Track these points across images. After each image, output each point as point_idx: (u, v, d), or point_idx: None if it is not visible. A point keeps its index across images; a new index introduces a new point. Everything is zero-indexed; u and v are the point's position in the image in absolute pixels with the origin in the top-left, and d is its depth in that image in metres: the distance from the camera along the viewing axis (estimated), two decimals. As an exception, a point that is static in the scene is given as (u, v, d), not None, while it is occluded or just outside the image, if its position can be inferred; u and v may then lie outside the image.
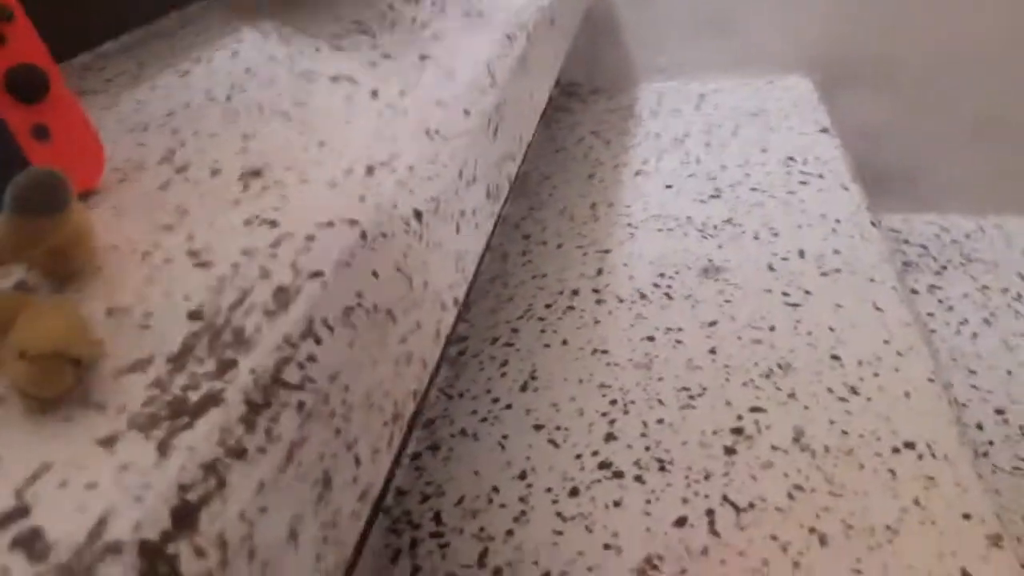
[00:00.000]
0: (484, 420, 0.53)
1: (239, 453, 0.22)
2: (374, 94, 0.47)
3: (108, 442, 0.22)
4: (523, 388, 0.55)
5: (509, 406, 0.54)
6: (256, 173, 0.38)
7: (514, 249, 0.72)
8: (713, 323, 0.57)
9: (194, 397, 0.23)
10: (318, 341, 0.26)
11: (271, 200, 0.35)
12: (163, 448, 0.21)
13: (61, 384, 0.23)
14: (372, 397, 0.29)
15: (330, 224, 0.32)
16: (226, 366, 0.24)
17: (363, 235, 0.32)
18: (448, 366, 0.60)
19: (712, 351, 0.55)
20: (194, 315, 0.27)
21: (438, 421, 0.55)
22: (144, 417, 0.22)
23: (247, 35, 0.66)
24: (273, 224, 0.33)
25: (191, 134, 0.45)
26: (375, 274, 0.30)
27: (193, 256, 0.31)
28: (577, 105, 1.01)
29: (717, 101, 0.93)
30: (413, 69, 0.51)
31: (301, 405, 0.24)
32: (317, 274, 0.29)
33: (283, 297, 0.28)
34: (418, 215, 0.35)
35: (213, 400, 0.23)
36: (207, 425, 0.22)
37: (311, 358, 0.26)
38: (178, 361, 0.25)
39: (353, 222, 0.32)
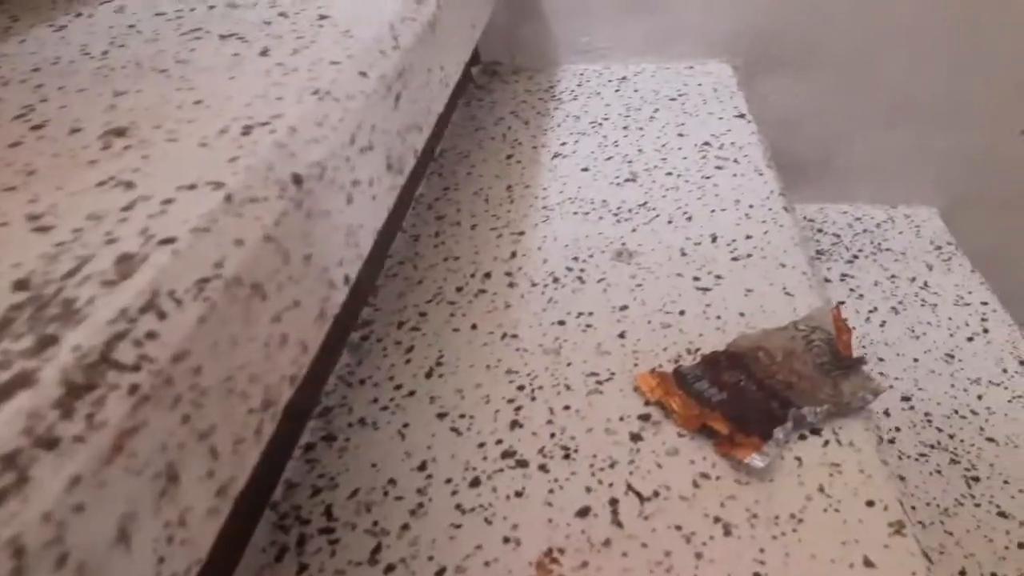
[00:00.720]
0: (385, 408, 0.51)
1: (49, 443, 0.19)
2: (264, 52, 0.44)
3: None
4: (428, 375, 0.52)
5: (412, 393, 0.51)
6: (120, 132, 0.35)
7: (426, 231, 0.69)
8: (624, 307, 0.55)
9: (3, 379, 0.20)
10: (161, 316, 0.23)
11: (131, 160, 0.32)
12: (-51, 437, 0.18)
13: None
14: (233, 382, 0.26)
15: (192, 187, 0.29)
16: (46, 343, 0.21)
17: (227, 198, 0.29)
18: (350, 352, 0.57)
19: (622, 335, 0.53)
20: (19, 285, 0.24)
21: (335, 410, 0.52)
22: (-65, 401, 0.19)
23: (135, -10, 0.61)
24: (129, 186, 0.30)
25: (56, 90, 0.41)
26: (239, 242, 0.28)
27: (33, 220, 0.28)
28: (498, 84, 0.99)
29: (637, 84, 0.92)
30: (310, 28, 0.48)
31: (135, 388, 0.21)
32: (168, 240, 0.26)
33: (126, 266, 0.24)
34: (297, 180, 0.32)
35: (23, 381, 0.20)
36: (11, 410, 0.19)
37: (151, 335, 0.23)
38: (-9, 336, 0.21)
39: (218, 184, 0.29)
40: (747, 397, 0.47)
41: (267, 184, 0.31)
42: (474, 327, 0.56)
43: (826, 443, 0.46)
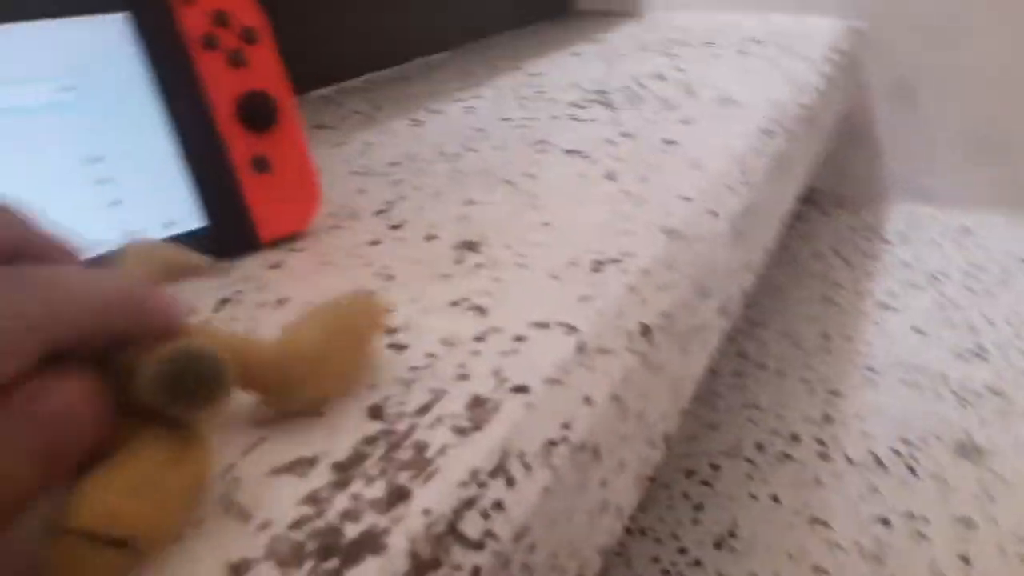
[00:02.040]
0: (667, 573, 0.46)
1: (389, 628, 0.17)
2: (610, 176, 0.43)
3: (238, 571, 0.17)
4: (717, 545, 0.47)
5: (698, 563, 0.46)
6: (471, 246, 0.35)
7: (726, 367, 0.64)
8: (968, 521, 0.47)
9: (352, 533, 0.18)
10: (510, 482, 0.21)
11: (483, 282, 0.31)
12: (299, 604, 0.17)
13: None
14: (557, 559, 0.24)
15: (543, 326, 0.28)
16: (397, 496, 0.20)
17: (580, 347, 0.27)
18: (627, 488, 0.54)
19: (965, 559, 0.44)
20: (375, 412, 0.23)
21: (609, 558, 0.48)
22: (288, 546, 0.18)
23: (485, 92, 0.65)
24: (481, 312, 0.29)
25: (412, 189, 0.42)
26: (588, 400, 0.25)
27: (389, 333, 0.28)
28: (816, 215, 0.93)
29: (983, 238, 0.82)
30: (656, 153, 0.47)
31: (476, 572, 0.19)
32: (521, 389, 0.24)
33: (478, 413, 0.23)
34: (646, 331, 0.30)
35: (373, 544, 0.18)
36: (359, 579, 0.17)
37: (498, 505, 0.20)
38: (345, 472, 0.21)
39: (571, 328, 0.28)
40: None
41: (617, 333, 0.28)
42: (775, 499, 0.50)
43: None
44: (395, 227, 0.37)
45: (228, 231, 0.34)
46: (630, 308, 0.30)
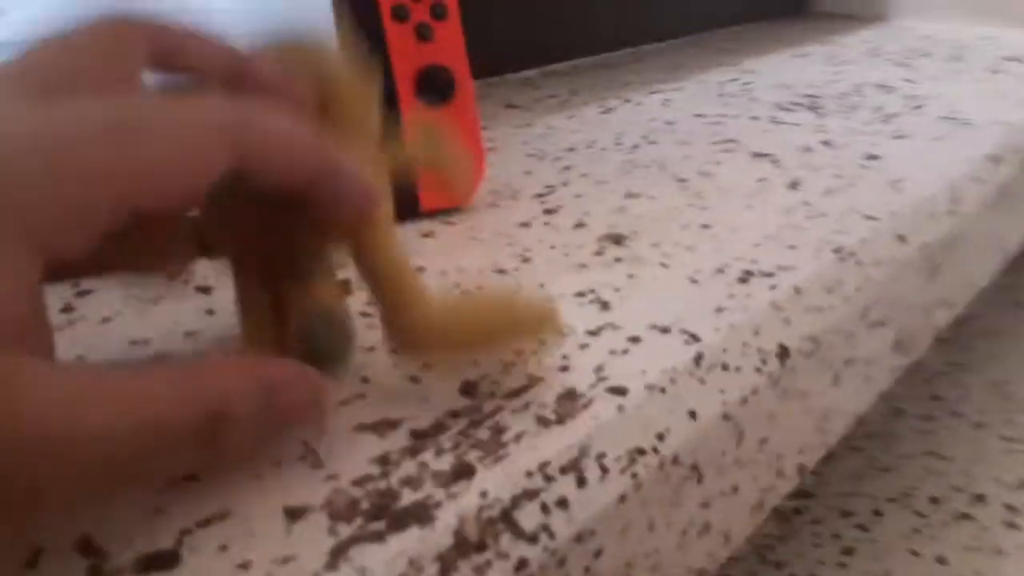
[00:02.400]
0: (796, 612, 0.43)
1: (415, 601, 0.17)
2: (793, 185, 0.40)
3: (294, 515, 0.18)
4: (860, 595, 0.43)
5: (833, 610, 0.43)
6: (617, 240, 0.34)
7: (915, 409, 0.59)
8: None
9: (406, 500, 0.19)
10: (581, 482, 0.21)
11: (617, 276, 0.31)
12: (333, 557, 0.17)
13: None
14: (632, 569, 0.23)
15: (664, 330, 0.27)
16: (461, 473, 0.20)
17: (698, 358, 0.25)
18: (776, 520, 0.50)
19: None
20: (468, 388, 0.23)
21: (736, 581, 0.46)
22: (345, 500, 0.19)
23: (688, 85, 0.63)
24: (604, 306, 0.28)
25: (578, 175, 0.42)
26: (692, 415, 0.24)
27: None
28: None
29: None
30: (853, 167, 0.43)
31: (523, 564, 0.19)
32: (618, 391, 0.23)
33: (567, 406, 0.23)
34: (783, 353, 0.28)
35: (422, 515, 0.18)
36: (397, 547, 0.18)
37: (562, 503, 0.20)
38: (420, 441, 0.21)
39: (693, 337, 0.26)
40: None
41: (746, 352, 0.27)
42: (941, 560, 0.45)
43: None
44: (549, 211, 0.37)
45: (393, 195, 0.36)
46: (770, 326, 0.28)
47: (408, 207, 0.36)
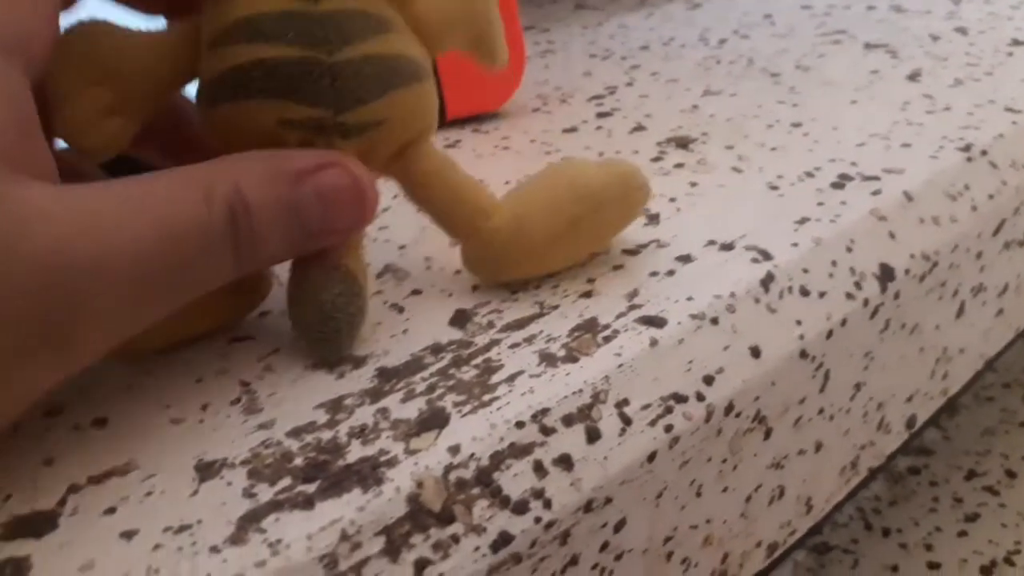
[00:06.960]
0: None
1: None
2: (913, 76, 0.34)
3: (205, 472, 0.15)
4: (986, 571, 0.37)
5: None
6: (683, 143, 0.29)
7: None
8: None
9: (352, 456, 0.15)
10: (592, 436, 0.16)
11: (675, 185, 0.25)
12: (241, 527, 0.14)
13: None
14: (675, 544, 0.18)
15: (727, 247, 0.21)
16: (432, 420, 0.16)
17: (767, 281, 0.20)
18: (887, 480, 0.44)
19: None
20: (459, 318, 0.19)
21: (834, 553, 0.41)
22: (275, 456, 0.15)
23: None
24: (652, 220, 0.23)
25: (647, 75, 0.37)
26: (755, 352, 0.19)
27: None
28: None
29: None
30: (993, 54, 0.36)
31: (504, 540, 0.15)
32: (654, 322, 0.19)
33: (584, 341, 0.18)
34: (886, 275, 0.22)
35: (367, 475, 0.15)
36: (328, 515, 0.14)
37: (563, 461, 0.16)
38: (387, 382, 0.17)
39: (764, 255, 0.21)
40: None
41: (835, 273, 0.21)
42: (1092, 536, 0.38)
43: None
44: (603, 115, 0.32)
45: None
46: (869, 241, 0.23)
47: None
